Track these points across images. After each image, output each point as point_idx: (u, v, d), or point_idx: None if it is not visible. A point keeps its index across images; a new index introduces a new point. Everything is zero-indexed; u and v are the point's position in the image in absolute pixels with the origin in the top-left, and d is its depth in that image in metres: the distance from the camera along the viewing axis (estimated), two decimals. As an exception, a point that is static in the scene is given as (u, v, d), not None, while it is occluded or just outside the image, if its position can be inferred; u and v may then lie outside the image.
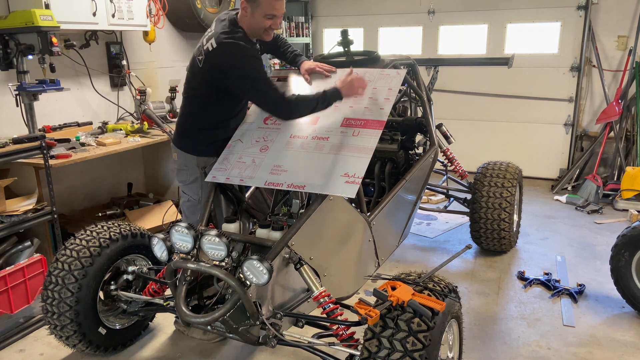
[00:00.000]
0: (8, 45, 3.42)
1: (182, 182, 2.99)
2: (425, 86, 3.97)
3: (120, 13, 4.13)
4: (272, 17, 2.64)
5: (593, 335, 3.06)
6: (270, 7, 2.60)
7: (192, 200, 2.98)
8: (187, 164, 2.91)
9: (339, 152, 2.63)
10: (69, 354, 2.90)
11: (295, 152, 2.72)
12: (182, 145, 2.91)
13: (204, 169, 2.87)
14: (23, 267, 3.02)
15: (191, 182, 2.94)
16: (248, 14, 2.64)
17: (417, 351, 1.90)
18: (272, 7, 2.60)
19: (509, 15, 6.07)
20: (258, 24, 2.65)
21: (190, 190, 2.97)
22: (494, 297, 3.51)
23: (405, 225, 3.45)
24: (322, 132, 2.77)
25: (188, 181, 2.94)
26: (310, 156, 2.68)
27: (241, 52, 2.61)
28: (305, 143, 2.75)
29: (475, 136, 6.46)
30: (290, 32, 6.70)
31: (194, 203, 2.97)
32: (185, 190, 2.99)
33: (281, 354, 2.86)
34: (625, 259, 3.17)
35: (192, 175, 2.91)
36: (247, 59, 2.62)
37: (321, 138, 2.74)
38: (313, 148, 2.71)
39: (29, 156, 3.20)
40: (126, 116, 4.73)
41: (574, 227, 4.76)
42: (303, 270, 2.33)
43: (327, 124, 2.80)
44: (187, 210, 3.01)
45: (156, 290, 2.73)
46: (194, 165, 2.89)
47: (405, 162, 3.67)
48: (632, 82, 5.54)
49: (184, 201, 3.02)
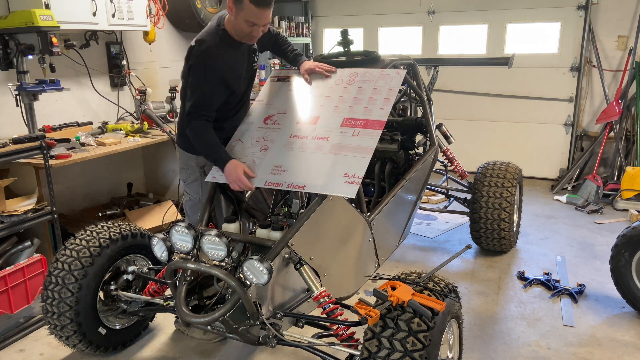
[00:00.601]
0: (8, 45, 3.42)
1: (184, 181, 3.03)
2: (425, 86, 3.97)
3: (120, 13, 4.13)
4: (253, 25, 2.57)
5: (593, 335, 3.06)
6: (253, 14, 2.53)
7: (193, 199, 3.01)
8: (188, 163, 2.94)
9: (339, 152, 2.63)
10: (69, 354, 2.90)
11: (295, 152, 2.72)
12: (182, 144, 2.93)
13: (204, 168, 2.90)
14: (23, 267, 3.02)
15: (192, 182, 2.97)
16: (232, 15, 2.60)
17: (417, 351, 1.90)
18: (255, 16, 2.53)
19: (509, 15, 6.07)
20: (240, 27, 2.61)
21: (191, 189, 3.00)
22: (494, 297, 3.51)
23: (405, 225, 3.45)
24: (322, 132, 2.77)
25: (189, 180, 2.98)
26: (310, 156, 2.68)
27: (202, 58, 2.62)
28: (305, 143, 2.75)
29: (475, 136, 6.46)
30: (290, 32, 6.70)
31: (195, 202, 3.00)
32: (187, 189, 3.02)
33: (281, 354, 2.86)
34: (625, 259, 3.17)
35: (193, 174, 2.94)
36: (201, 66, 2.62)
37: (321, 138, 2.74)
38: (313, 148, 2.71)
39: (29, 156, 3.20)
40: (126, 116, 4.73)
41: (574, 227, 4.76)
42: (303, 270, 2.33)
43: (327, 123, 2.80)
44: (189, 209, 3.06)
45: (156, 290, 2.73)
46: (193, 165, 2.92)
47: (405, 162, 3.67)
48: (632, 82, 5.54)
49: (186, 200, 3.07)
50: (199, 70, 2.64)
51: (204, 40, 2.67)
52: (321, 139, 2.73)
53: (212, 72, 2.65)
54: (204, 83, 2.65)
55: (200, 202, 2.95)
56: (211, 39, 2.66)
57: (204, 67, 2.64)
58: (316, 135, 2.77)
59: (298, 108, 2.98)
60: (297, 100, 3.04)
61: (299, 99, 3.04)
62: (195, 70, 2.65)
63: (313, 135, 2.77)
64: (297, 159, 2.68)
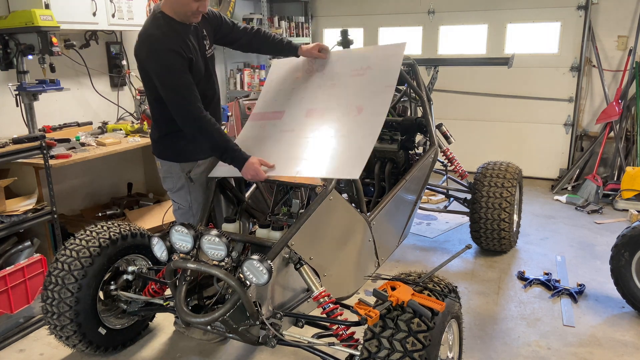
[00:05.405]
0: (8, 45, 3.42)
1: (170, 190, 2.86)
2: (425, 86, 3.97)
3: (120, 13, 4.13)
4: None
5: (593, 335, 3.06)
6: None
7: (182, 208, 2.85)
8: (171, 170, 2.77)
9: (343, 139, 2.64)
10: (69, 354, 2.90)
11: (298, 146, 2.72)
12: (160, 152, 2.79)
13: (189, 173, 2.75)
14: (23, 267, 3.02)
15: (178, 189, 2.81)
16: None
17: (417, 351, 1.90)
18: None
19: (509, 15, 6.07)
20: (184, 5, 2.44)
21: (179, 197, 2.84)
22: (494, 297, 3.51)
23: (405, 225, 3.45)
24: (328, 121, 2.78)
25: (175, 188, 2.81)
26: (312, 147, 2.68)
27: (156, 48, 2.42)
28: (306, 134, 2.75)
29: (475, 136, 6.46)
30: (290, 32, 6.70)
31: (184, 210, 2.85)
32: (174, 197, 2.87)
33: (281, 354, 2.86)
34: (625, 259, 3.17)
35: (178, 181, 2.78)
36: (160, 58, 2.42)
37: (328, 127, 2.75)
38: (315, 138, 2.72)
39: (29, 156, 3.19)
40: (126, 116, 4.74)
41: (574, 227, 4.76)
42: (303, 270, 2.33)
43: (331, 113, 2.81)
44: (180, 217, 2.90)
45: (156, 290, 2.73)
46: (177, 171, 2.75)
47: (405, 162, 3.67)
48: (632, 82, 5.54)
49: (174, 209, 2.92)
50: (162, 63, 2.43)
51: (147, 33, 2.47)
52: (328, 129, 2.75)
53: (173, 56, 2.43)
54: (176, 73, 2.44)
55: (190, 210, 2.80)
56: (153, 28, 2.47)
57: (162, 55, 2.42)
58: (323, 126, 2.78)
59: (304, 102, 2.97)
60: (301, 94, 3.02)
61: (303, 89, 3.03)
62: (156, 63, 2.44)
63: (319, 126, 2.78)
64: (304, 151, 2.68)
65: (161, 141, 2.76)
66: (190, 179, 2.76)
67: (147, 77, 2.55)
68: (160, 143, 2.77)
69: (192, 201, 2.80)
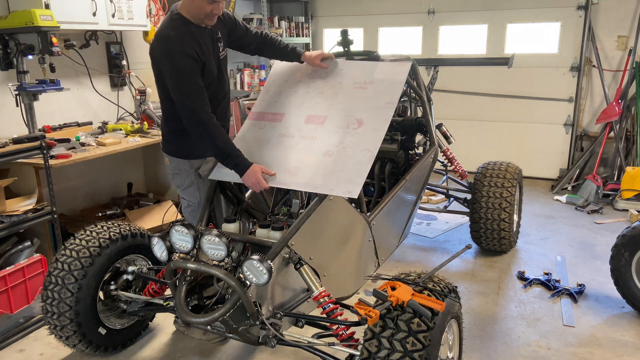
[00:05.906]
0: (8, 45, 3.42)
1: (179, 187, 2.90)
2: (425, 86, 3.97)
3: (120, 13, 4.13)
4: (213, 1, 2.46)
5: (593, 335, 3.06)
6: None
7: (192, 205, 2.89)
8: (180, 167, 2.81)
9: (345, 151, 2.64)
10: (69, 354, 2.90)
11: (301, 153, 2.72)
12: (170, 150, 2.82)
13: (198, 170, 2.78)
14: (23, 267, 3.02)
15: (187, 186, 2.84)
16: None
17: (417, 351, 1.90)
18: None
19: (509, 15, 6.07)
20: (199, 7, 2.47)
21: (188, 194, 2.88)
22: (494, 297, 3.51)
23: (405, 225, 3.45)
24: (329, 132, 2.77)
25: (184, 185, 2.85)
26: (312, 156, 2.68)
27: (170, 49, 2.45)
28: (312, 143, 2.75)
29: (475, 136, 6.46)
30: (290, 32, 6.70)
31: (194, 207, 2.89)
32: (184, 195, 2.91)
33: (281, 354, 2.86)
34: (625, 259, 3.17)
35: (187, 178, 2.82)
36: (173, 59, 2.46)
37: (328, 138, 2.74)
38: (319, 148, 2.71)
39: (29, 156, 3.19)
40: (126, 116, 4.73)
41: (574, 227, 4.76)
42: (303, 270, 2.33)
43: (334, 123, 2.81)
44: (189, 215, 2.93)
45: (156, 290, 2.73)
46: (187, 168, 2.79)
47: (405, 162, 3.67)
48: (632, 82, 5.54)
49: (184, 206, 2.96)
50: (175, 66, 2.47)
51: (163, 34, 2.51)
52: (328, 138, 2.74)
53: (187, 59, 2.47)
54: (187, 76, 2.49)
55: (200, 206, 2.83)
56: (170, 29, 2.50)
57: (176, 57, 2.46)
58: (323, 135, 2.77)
59: (305, 107, 2.97)
60: (302, 98, 3.02)
61: (305, 93, 3.03)
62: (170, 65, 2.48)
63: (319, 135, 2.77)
64: (304, 160, 2.68)
65: (170, 138, 2.79)
66: (199, 175, 2.78)
67: (160, 75, 2.59)
68: (169, 140, 2.80)
69: (201, 198, 2.82)
